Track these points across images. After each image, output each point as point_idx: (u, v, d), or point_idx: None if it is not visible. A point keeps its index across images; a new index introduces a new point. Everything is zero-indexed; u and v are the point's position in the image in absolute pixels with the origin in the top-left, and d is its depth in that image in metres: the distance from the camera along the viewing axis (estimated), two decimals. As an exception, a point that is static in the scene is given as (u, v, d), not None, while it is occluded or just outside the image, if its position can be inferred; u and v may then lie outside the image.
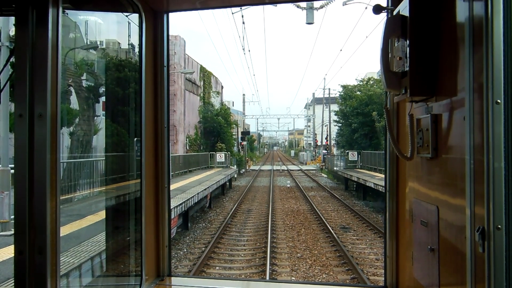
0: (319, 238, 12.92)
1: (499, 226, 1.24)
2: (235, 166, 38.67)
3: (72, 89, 9.77)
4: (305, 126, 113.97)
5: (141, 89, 2.53)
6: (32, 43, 1.80)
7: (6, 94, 6.56)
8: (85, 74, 10.26)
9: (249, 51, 64.40)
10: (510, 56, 1.26)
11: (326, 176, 38.97)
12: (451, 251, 1.62)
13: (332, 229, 13.56)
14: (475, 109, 1.36)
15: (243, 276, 9.51)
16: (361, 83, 36.86)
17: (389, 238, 2.46)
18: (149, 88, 2.59)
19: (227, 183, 26.85)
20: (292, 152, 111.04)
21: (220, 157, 34.55)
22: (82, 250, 6.54)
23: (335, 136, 45.91)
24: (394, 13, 1.97)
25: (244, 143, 50.57)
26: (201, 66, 41.74)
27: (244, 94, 66.98)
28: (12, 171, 8.82)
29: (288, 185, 29.66)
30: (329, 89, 56.90)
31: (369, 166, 27.73)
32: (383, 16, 2.11)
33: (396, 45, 1.94)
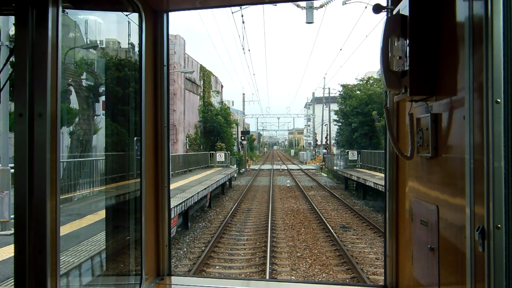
0: (319, 238, 12.92)
1: (499, 226, 1.24)
2: (235, 165, 38.66)
3: (72, 88, 9.76)
4: (305, 125, 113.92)
5: (141, 89, 2.53)
6: (32, 42, 1.79)
7: (6, 94, 6.56)
8: (85, 73, 10.25)
9: (249, 50, 64.60)
10: (510, 55, 1.25)
11: (326, 175, 38.95)
12: (451, 250, 1.62)
13: (332, 229, 13.56)
14: (475, 108, 1.36)
15: (243, 275, 9.51)
16: (361, 83, 36.84)
17: (389, 237, 2.46)
18: (149, 87, 2.59)
19: (227, 183, 26.84)
20: (292, 151, 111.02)
21: (220, 156, 34.55)
22: (82, 249, 6.54)
23: (335, 135, 45.92)
24: (394, 12, 1.97)
25: (244, 142, 50.56)
26: (201, 65, 41.69)
27: (244, 94, 66.94)
28: (12, 170, 8.82)
29: (288, 185, 29.65)
30: (329, 88, 56.89)
31: (369, 165, 27.71)
32: (383, 15, 2.11)
33: (396, 44, 1.94)
